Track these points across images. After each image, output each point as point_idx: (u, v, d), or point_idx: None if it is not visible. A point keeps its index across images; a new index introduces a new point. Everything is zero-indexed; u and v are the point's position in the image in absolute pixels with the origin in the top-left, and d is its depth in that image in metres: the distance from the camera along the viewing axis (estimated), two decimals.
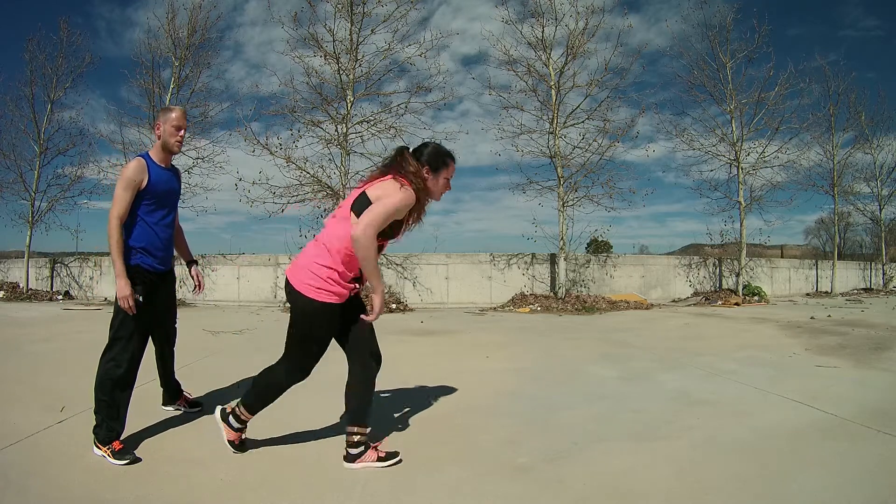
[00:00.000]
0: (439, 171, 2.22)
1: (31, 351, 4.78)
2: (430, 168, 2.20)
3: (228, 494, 1.94)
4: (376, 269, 2.08)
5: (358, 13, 9.45)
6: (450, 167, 2.25)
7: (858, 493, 1.90)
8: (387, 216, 2.04)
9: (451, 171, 2.27)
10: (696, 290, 11.90)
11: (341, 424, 2.73)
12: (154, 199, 2.49)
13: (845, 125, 14.24)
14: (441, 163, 2.22)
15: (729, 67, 11.39)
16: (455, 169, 2.28)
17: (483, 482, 2.05)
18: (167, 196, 2.58)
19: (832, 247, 15.78)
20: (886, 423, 2.63)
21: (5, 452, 2.25)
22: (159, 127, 2.53)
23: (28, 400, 3.08)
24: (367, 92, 9.91)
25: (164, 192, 2.55)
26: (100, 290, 11.59)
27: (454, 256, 10.79)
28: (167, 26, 10.54)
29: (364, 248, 1.99)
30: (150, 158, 2.53)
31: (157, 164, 2.53)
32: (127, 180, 2.39)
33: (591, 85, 10.21)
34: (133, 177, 2.40)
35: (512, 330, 6.73)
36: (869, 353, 4.70)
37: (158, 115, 2.58)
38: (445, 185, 2.27)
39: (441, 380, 3.73)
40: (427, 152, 2.22)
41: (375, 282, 2.08)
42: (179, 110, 2.58)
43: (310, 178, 9.62)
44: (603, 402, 3.13)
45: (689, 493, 1.94)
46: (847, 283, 15.05)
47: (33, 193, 11.52)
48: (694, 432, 2.59)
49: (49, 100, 11.49)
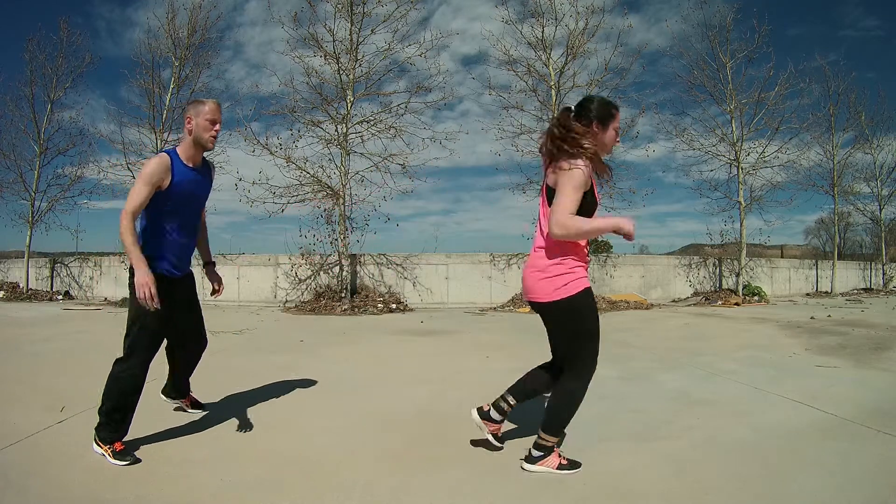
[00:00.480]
0: (608, 123, 2.14)
1: (31, 351, 4.78)
2: (599, 122, 2.11)
3: (228, 494, 1.93)
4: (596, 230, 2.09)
5: (358, 13, 9.45)
6: (616, 117, 2.16)
7: (858, 493, 1.90)
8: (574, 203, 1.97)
9: (618, 119, 2.19)
10: (696, 290, 11.90)
11: (341, 424, 2.73)
12: (176, 202, 2.28)
13: (845, 125, 14.27)
14: (608, 114, 2.14)
15: (729, 67, 11.39)
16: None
17: (483, 482, 2.05)
18: (191, 200, 2.37)
19: (832, 247, 15.79)
20: (886, 423, 2.63)
21: (5, 452, 2.25)
22: (190, 120, 2.30)
23: (28, 400, 3.08)
24: (367, 92, 9.93)
25: (188, 196, 2.34)
26: (100, 290, 11.60)
27: (454, 256, 10.79)
28: (167, 26, 10.55)
29: (573, 235, 1.98)
30: (178, 156, 2.30)
31: (184, 164, 2.32)
32: (147, 176, 2.18)
33: (591, 85, 10.21)
34: (154, 173, 2.19)
35: (512, 330, 6.73)
36: (869, 353, 4.70)
37: (187, 108, 2.36)
38: (615, 136, 2.20)
39: (441, 380, 3.73)
40: (594, 107, 2.13)
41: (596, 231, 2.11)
42: (213, 102, 2.34)
43: (310, 178, 9.63)
44: (603, 402, 3.13)
45: (689, 493, 1.94)
46: (847, 283, 15.05)
47: (33, 193, 11.54)
48: (694, 432, 2.59)
49: (49, 100, 11.50)
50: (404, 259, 10.55)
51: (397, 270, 10.50)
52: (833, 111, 13.77)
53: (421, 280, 10.49)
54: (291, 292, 10.35)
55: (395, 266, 10.50)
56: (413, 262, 10.54)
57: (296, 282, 10.38)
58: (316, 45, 9.47)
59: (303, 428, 2.67)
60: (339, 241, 9.69)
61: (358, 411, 2.96)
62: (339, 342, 5.63)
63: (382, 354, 4.98)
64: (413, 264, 10.54)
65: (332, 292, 9.91)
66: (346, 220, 9.72)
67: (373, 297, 9.90)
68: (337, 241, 9.77)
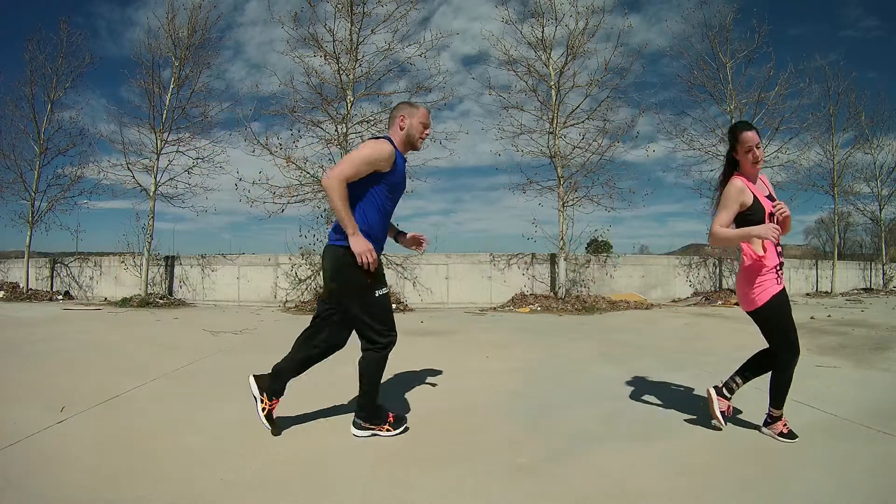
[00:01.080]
0: (735, 147, 2.51)
1: (31, 351, 4.77)
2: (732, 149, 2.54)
3: (228, 494, 1.93)
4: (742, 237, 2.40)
5: (358, 13, 9.46)
6: (738, 137, 2.48)
7: (858, 493, 1.90)
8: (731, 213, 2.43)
9: (748, 139, 2.46)
10: (696, 290, 11.89)
11: (342, 424, 2.73)
12: (391, 187, 2.44)
13: (845, 125, 14.25)
14: (733, 138, 2.52)
15: (729, 67, 11.39)
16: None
17: (483, 482, 2.04)
18: (401, 189, 2.56)
19: (832, 247, 15.79)
20: (886, 423, 2.63)
21: (5, 452, 2.25)
22: (403, 119, 2.46)
23: (28, 400, 3.08)
24: (367, 92, 9.93)
25: (401, 185, 2.53)
26: (100, 290, 11.60)
27: (454, 256, 10.79)
28: (167, 26, 10.54)
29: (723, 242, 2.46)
30: (396, 147, 2.45)
31: (402, 155, 2.50)
32: (370, 158, 2.30)
33: (592, 85, 10.22)
34: (380, 158, 2.31)
35: (512, 330, 6.73)
36: (869, 353, 4.70)
37: (400, 108, 2.52)
38: (747, 155, 2.46)
39: (441, 380, 3.73)
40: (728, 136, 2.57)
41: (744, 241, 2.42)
42: (425, 108, 2.55)
43: (310, 178, 9.63)
44: (603, 402, 3.13)
45: (689, 493, 1.94)
46: (847, 283, 15.05)
47: (33, 193, 11.52)
48: (694, 432, 2.59)
49: (49, 100, 11.48)
50: (404, 259, 10.55)
51: (397, 270, 10.50)
52: (833, 111, 13.77)
53: (421, 280, 10.49)
54: (291, 292, 10.35)
55: (395, 266, 10.50)
56: (413, 262, 10.54)
57: (296, 282, 10.38)
58: (316, 45, 9.47)
59: (303, 428, 2.67)
60: None
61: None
62: None
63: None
64: (413, 264, 10.53)
65: None
66: None
67: None
68: None
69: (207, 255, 11.11)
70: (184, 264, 11.16)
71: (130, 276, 11.14)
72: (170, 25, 10.53)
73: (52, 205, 11.76)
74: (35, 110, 11.42)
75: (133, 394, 3.27)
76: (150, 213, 10.65)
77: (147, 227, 10.64)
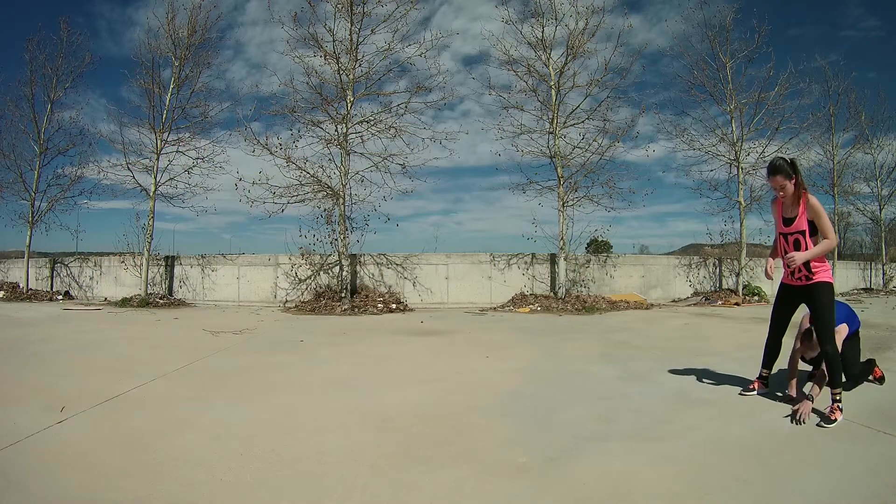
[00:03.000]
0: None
1: (31, 351, 4.77)
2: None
3: (228, 494, 1.93)
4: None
5: (358, 13, 9.45)
6: (769, 177, 3.01)
7: (858, 493, 1.90)
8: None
9: (772, 180, 3.01)
10: (696, 290, 11.89)
11: (342, 424, 2.73)
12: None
13: (845, 125, 14.28)
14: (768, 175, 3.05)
15: (729, 67, 11.39)
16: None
17: (483, 482, 2.04)
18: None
19: None
20: (886, 423, 2.64)
21: (5, 452, 2.25)
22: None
23: (28, 400, 3.08)
24: (367, 92, 9.93)
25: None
26: (100, 290, 11.60)
27: (454, 256, 10.79)
28: (167, 26, 10.54)
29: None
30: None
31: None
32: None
33: (592, 85, 10.21)
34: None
35: (512, 330, 6.73)
36: (869, 353, 4.69)
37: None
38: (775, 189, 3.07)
39: (441, 380, 3.73)
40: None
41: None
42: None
43: (310, 178, 9.63)
44: (603, 402, 3.13)
45: (689, 493, 1.94)
46: (847, 283, 15.04)
47: (33, 193, 11.54)
48: (694, 432, 2.59)
49: (49, 100, 11.50)
50: (404, 259, 10.55)
51: (397, 270, 10.50)
52: (833, 111, 13.79)
53: (421, 280, 10.49)
54: (291, 292, 10.35)
55: (395, 266, 10.50)
56: (413, 262, 10.54)
57: (296, 282, 10.39)
58: (316, 45, 9.47)
59: (303, 428, 2.67)
60: (339, 241, 9.70)
61: (358, 411, 2.96)
62: (339, 342, 5.63)
63: (382, 354, 4.98)
64: (413, 264, 10.53)
65: (332, 292, 9.92)
66: (346, 220, 9.72)
67: (373, 297, 9.90)
68: (337, 241, 9.77)
69: (207, 255, 11.12)
70: (184, 264, 11.16)
71: (130, 276, 11.15)
72: (170, 25, 10.54)
73: (52, 205, 11.79)
74: (35, 110, 11.47)
75: (133, 394, 3.28)
76: (150, 213, 10.66)
77: (147, 227, 10.66)
